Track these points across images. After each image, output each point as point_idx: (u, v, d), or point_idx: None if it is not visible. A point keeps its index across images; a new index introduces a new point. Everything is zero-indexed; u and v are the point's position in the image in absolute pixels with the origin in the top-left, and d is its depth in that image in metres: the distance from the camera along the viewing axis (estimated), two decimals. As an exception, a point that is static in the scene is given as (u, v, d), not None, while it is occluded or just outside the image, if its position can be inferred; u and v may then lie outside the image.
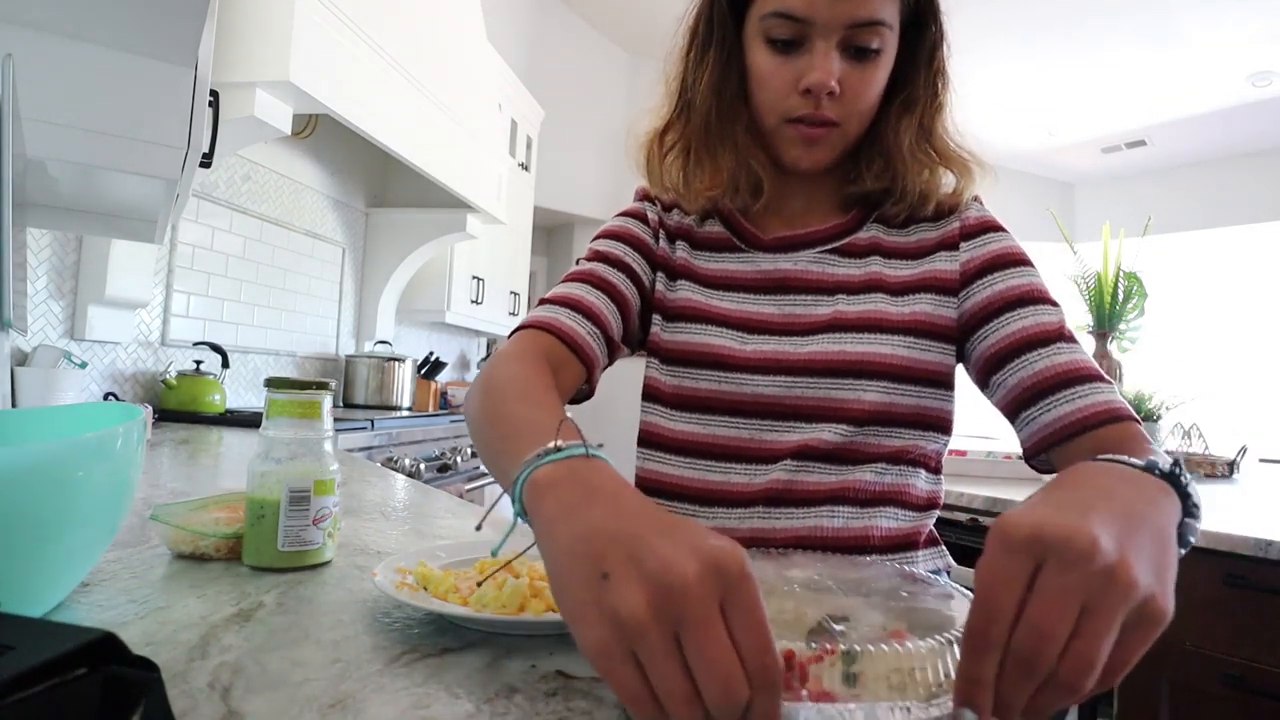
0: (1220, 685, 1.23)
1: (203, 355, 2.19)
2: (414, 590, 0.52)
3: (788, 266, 0.74)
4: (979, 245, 0.71)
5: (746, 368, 0.71)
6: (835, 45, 0.64)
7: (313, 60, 1.78)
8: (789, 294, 0.73)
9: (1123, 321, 2.25)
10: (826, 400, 0.69)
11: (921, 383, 0.69)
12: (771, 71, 0.67)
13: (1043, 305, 0.67)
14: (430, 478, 2.35)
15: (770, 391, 0.70)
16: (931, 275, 0.71)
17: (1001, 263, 0.70)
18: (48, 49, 0.82)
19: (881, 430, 0.69)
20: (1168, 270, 5.27)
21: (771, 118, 0.69)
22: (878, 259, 0.73)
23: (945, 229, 0.74)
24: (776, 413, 0.70)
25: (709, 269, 0.77)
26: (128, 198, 1.21)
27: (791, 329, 0.71)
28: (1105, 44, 4.27)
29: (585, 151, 5.34)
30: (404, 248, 3.12)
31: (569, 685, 0.41)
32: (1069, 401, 0.61)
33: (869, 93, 0.67)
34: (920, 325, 0.69)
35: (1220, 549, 1.26)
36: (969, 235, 0.72)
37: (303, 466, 0.61)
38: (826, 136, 0.68)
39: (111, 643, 0.23)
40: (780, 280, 0.74)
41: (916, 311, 0.70)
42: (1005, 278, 0.69)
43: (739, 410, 0.71)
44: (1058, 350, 0.64)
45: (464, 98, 2.74)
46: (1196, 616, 1.28)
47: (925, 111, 0.71)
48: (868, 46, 0.65)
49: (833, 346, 0.69)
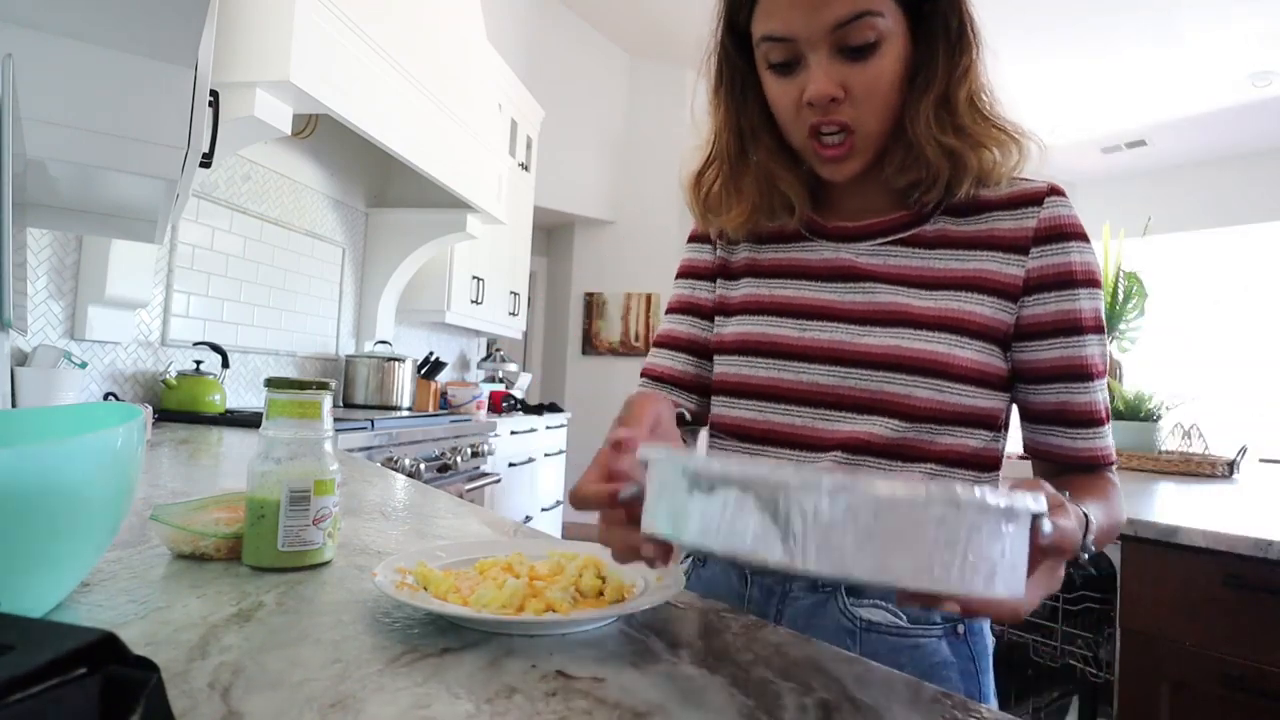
0: (1220, 685, 1.23)
1: (203, 355, 2.19)
2: (414, 590, 0.52)
3: (850, 256, 0.73)
4: (1051, 254, 0.68)
5: (803, 355, 0.71)
6: (827, 53, 0.64)
7: (313, 60, 1.78)
8: (851, 282, 0.72)
9: (1123, 321, 2.25)
10: (880, 394, 0.68)
11: (975, 383, 0.68)
12: (779, 95, 0.68)
13: (1089, 336, 0.68)
14: (430, 478, 2.35)
15: (826, 381, 0.70)
16: (992, 277, 0.68)
17: (1068, 280, 0.67)
18: (48, 49, 0.82)
19: (937, 428, 0.68)
20: (1168, 270, 5.27)
21: (795, 138, 0.70)
22: (944, 251, 0.70)
23: (1021, 222, 0.69)
24: (829, 402, 0.70)
25: (772, 259, 0.78)
26: (128, 198, 1.21)
27: (851, 318, 0.71)
28: (1105, 44, 4.27)
29: (585, 151, 5.34)
30: (404, 248, 3.12)
31: (569, 685, 0.41)
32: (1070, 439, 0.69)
33: (878, 87, 0.65)
34: (973, 325, 0.67)
35: (1220, 549, 1.26)
36: (1043, 239, 0.68)
37: (303, 466, 0.61)
38: (848, 148, 0.67)
39: (111, 643, 0.23)
40: (844, 268, 0.73)
41: (975, 312, 0.68)
42: (1064, 299, 0.67)
43: (794, 398, 0.71)
44: (1084, 389, 0.68)
45: (464, 98, 2.74)
46: (1196, 616, 1.28)
47: (946, 85, 0.66)
48: (862, 43, 0.63)
49: (889, 340, 0.68)
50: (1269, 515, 1.45)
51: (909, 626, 0.67)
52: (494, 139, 3.09)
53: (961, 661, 0.68)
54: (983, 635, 0.70)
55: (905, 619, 0.67)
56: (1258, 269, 5.37)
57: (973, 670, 0.68)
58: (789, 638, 0.51)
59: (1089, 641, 1.49)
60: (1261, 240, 5.37)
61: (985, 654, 0.70)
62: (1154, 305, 2.32)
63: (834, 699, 0.41)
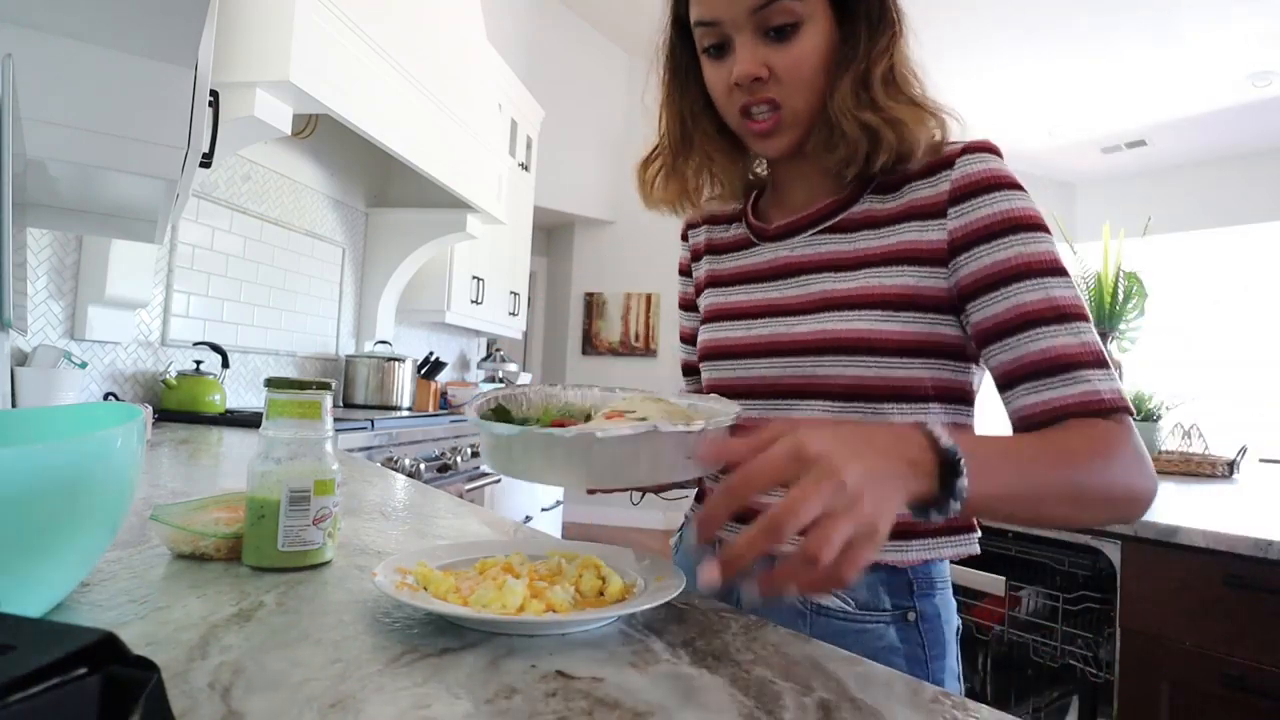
0: (1220, 685, 1.23)
1: (203, 355, 2.19)
2: (414, 590, 0.52)
3: (786, 253, 0.77)
4: (968, 211, 0.66)
5: (749, 353, 0.76)
6: (751, 35, 0.67)
7: (313, 60, 1.78)
8: (789, 278, 0.76)
9: (1123, 321, 2.25)
10: (812, 378, 0.70)
11: (914, 355, 0.67)
12: (713, 78, 0.72)
13: (1029, 280, 0.63)
14: (430, 478, 2.35)
15: (770, 373, 0.73)
16: (913, 246, 0.68)
17: (990, 232, 0.65)
18: (48, 49, 0.82)
19: (873, 405, 0.68)
20: (1168, 270, 5.27)
21: (731, 119, 0.73)
22: (868, 231, 0.72)
23: (936, 188, 0.68)
24: (775, 392, 0.73)
25: (727, 269, 0.83)
26: (128, 198, 1.21)
27: (788, 310, 0.74)
28: (1105, 44, 4.27)
29: (585, 151, 5.34)
30: (404, 248, 3.12)
31: (569, 685, 0.41)
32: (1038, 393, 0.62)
33: (800, 66, 0.68)
34: (902, 298, 0.67)
35: (1220, 549, 1.26)
36: (958, 198, 0.67)
37: (303, 466, 0.61)
38: (774, 122, 0.70)
39: (111, 643, 0.23)
40: (782, 265, 0.77)
41: (898, 285, 0.68)
42: (993, 250, 0.65)
43: (748, 393, 0.75)
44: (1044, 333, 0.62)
45: (464, 98, 2.74)
46: (1196, 616, 1.28)
47: (867, 64, 0.68)
48: (782, 24, 0.67)
49: (817, 325, 0.71)
50: (1269, 515, 1.45)
51: (856, 612, 0.69)
52: (494, 139, 3.09)
53: (909, 648, 0.68)
54: (937, 623, 0.70)
55: (853, 605, 0.69)
56: (1258, 269, 5.37)
57: (922, 657, 0.68)
58: (789, 638, 0.51)
59: (1089, 641, 1.49)
60: (1261, 240, 5.37)
61: (940, 643, 0.70)
62: (1154, 305, 2.32)
63: (834, 699, 0.41)
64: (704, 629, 0.52)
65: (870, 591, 0.70)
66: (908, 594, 0.70)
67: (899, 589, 0.70)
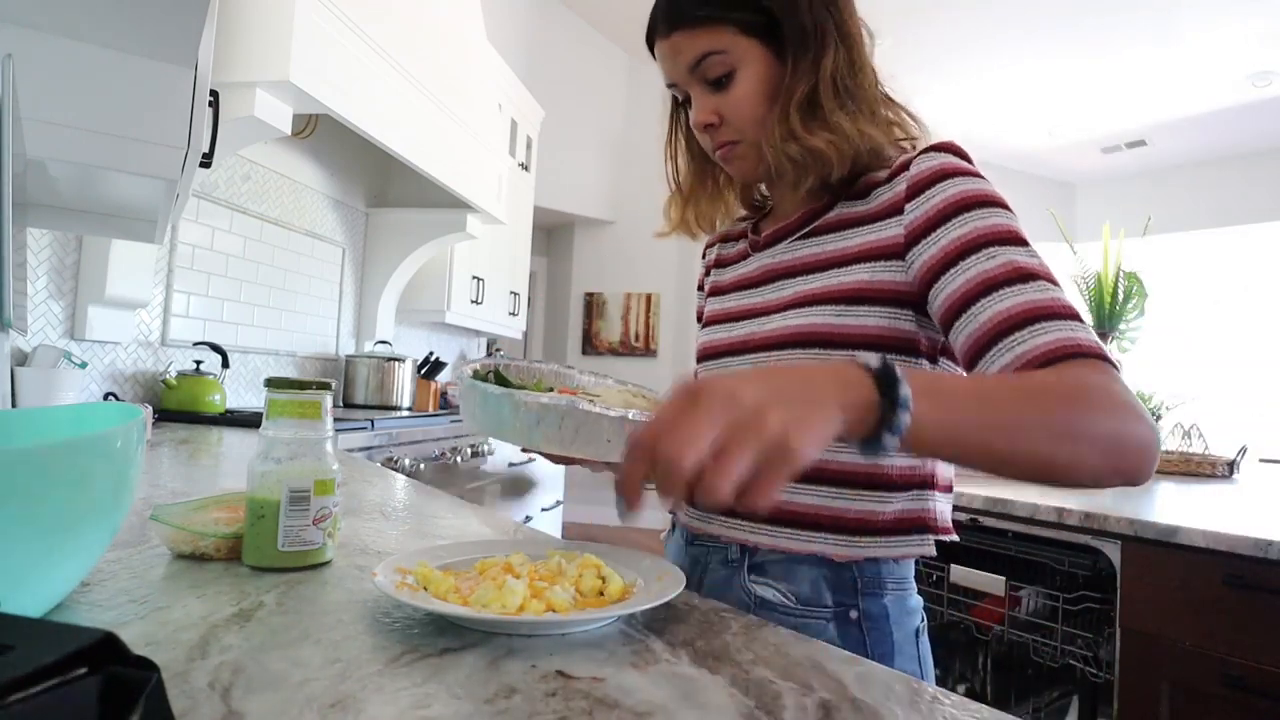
0: (1220, 685, 1.23)
1: (203, 355, 2.19)
2: (414, 590, 0.52)
3: (770, 260, 0.82)
4: (922, 203, 0.68)
5: (729, 352, 0.81)
6: (699, 89, 0.76)
7: (313, 60, 1.78)
8: (772, 283, 0.81)
9: (1123, 321, 2.25)
10: None
11: (867, 348, 0.68)
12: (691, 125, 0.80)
13: (987, 249, 0.62)
14: (430, 478, 2.35)
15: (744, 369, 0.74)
16: (873, 245, 0.71)
17: (943, 216, 0.66)
18: (48, 49, 0.82)
19: None
20: (1168, 270, 5.27)
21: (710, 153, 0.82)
22: (838, 235, 0.76)
23: (895, 189, 0.71)
24: None
25: (726, 280, 0.89)
26: (128, 198, 1.21)
27: (764, 312, 0.79)
28: (1105, 44, 4.27)
29: (585, 151, 5.34)
30: (404, 248, 3.12)
31: (569, 685, 0.41)
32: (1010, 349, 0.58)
33: (742, 107, 0.74)
34: (857, 293, 0.70)
35: (1220, 549, 1.26)
36: (914, 193, 0.69)
37: (303, 466, 0.61)
38: (736, 153, 0.78)
39: (111, 643, 0.23)
40: (768, 272, 0.82)
41: (851, 280, 0.71)
42: (949, 230, 0.65)
43: None
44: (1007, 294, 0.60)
45: (464, 98, 2.74)
46: (1196, 616, 1.28)
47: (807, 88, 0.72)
48: (718, 76, 0.74)
49: (782, 323, 0.75)
50: (1269, 515, 1.45)
51: (796, 606, 0.71)
52: (494, 139, 3.09)
53: (850, 646, 0.67)
54: (884, 624, 0.70)
55: (794, 600, 0.71)
56: (1258, 269, 5.37)
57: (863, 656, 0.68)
58: (789, 638, 0.51)
59: (1089, 641, 1.49)
60: (1261, 240, 5.37)
61: (886, 644, 0.70)
62: (1154, 305, 2.32)
63: (834, 699, 0.41)
64: (704, 629, 0.52)
65: (813, 587, 0.71)
66: (851, 592, 0.71)
67: (842, 586, 0.71)
